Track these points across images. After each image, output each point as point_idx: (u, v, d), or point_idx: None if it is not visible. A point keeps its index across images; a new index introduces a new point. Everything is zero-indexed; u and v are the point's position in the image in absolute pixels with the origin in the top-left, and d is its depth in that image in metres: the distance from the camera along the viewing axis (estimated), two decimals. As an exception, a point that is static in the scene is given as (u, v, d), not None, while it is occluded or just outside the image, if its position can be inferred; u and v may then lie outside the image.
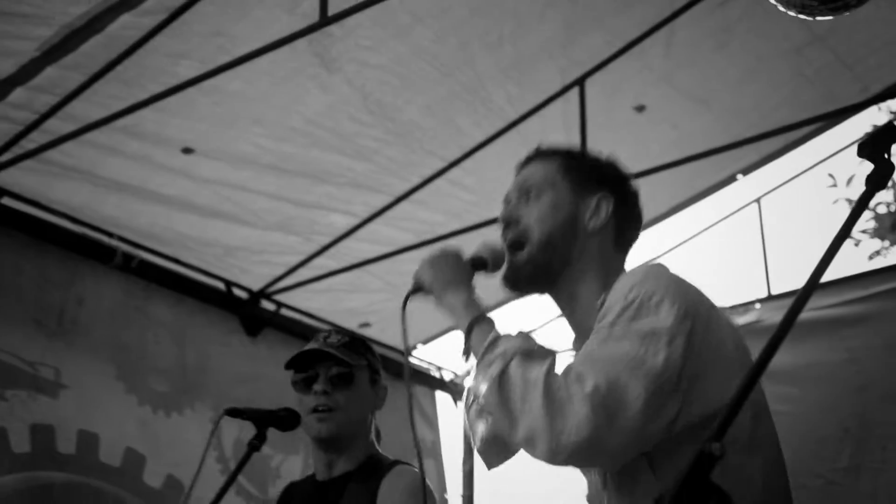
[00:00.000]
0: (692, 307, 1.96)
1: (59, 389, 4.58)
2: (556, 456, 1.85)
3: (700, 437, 1.83)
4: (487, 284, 2.31)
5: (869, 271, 5.24)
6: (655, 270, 2.08)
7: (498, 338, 2.02)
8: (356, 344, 3.14)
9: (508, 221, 2.30)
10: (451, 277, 2.24)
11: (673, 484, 1.19)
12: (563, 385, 1.84)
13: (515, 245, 2.27)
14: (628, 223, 2.33)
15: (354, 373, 3.05)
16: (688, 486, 1.18)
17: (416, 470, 2.99)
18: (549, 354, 1.97)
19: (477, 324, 2.10)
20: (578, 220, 2.26)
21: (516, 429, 1.88)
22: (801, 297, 1.43)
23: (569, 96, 4.82)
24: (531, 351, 1.96)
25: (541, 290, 2.31)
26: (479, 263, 2.32)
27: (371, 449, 3.09)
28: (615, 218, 2.28)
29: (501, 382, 1.91)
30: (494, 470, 2.51)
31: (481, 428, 2.39)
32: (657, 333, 1.89)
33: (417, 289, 2.30)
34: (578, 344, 2.22)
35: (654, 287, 1.97)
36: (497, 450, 2.38)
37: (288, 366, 3.12)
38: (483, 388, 1.96)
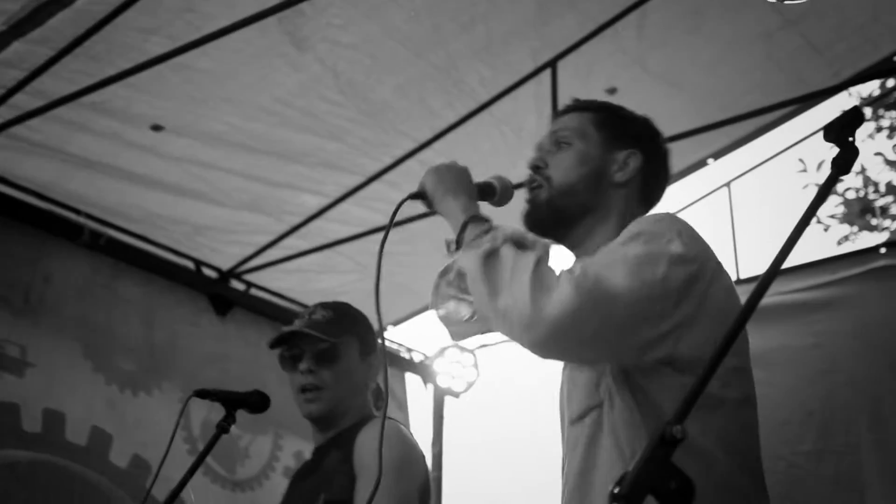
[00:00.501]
0: (702, 254, 2.01)
1: (24, 368, 4.55)
2: (531, 329, 1.83)
3: (680, 381, 1.85)
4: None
5: (837, 256, 5.26)
6: (670, 215, 2.12)
7: (492, 227, 2.03)
8: (342, 319, 3.11)
9: (537, 166, 2.33)
10: (455, 186, 2.23)
11: (633, 466, 1.19)
12: (554, 270, 1.86)
13: (537, 188, 2.30)
14: (655, 181, 2.38)
15: (339, 349, 3.03)
16: (648, 468, 1.19)
17: (394, 422, 2.98)
18: (544, 245, 1.98)
19: (472, 221, 2.10)
20: (604, 173, 2.30)
21: (497, 297, 1.87)
22: (765, 278, 1.43)
23: (541, 78, 4.81)
24: (525, 239, 1.97)
25: (558, 235, 2.31)
26: (487, 189, 2.31)
27: (365, 412, 3.06)
28: (642, 174, 2.33)
29: (489, 258, 1.91)
30: (463, 455, 2.51)
31: (454, 302, 2.36)
32: (662, 255, 1.93)
33: (419, 194, 2.28)
34: None
35: (667, 227, 2.02)
36: (466, 325, 2.35)
37: (273, 345, 3.11)
38: (468, 263, 1.95)
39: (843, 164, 1.51)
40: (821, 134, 1.56)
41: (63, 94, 4.04)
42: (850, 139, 1.52)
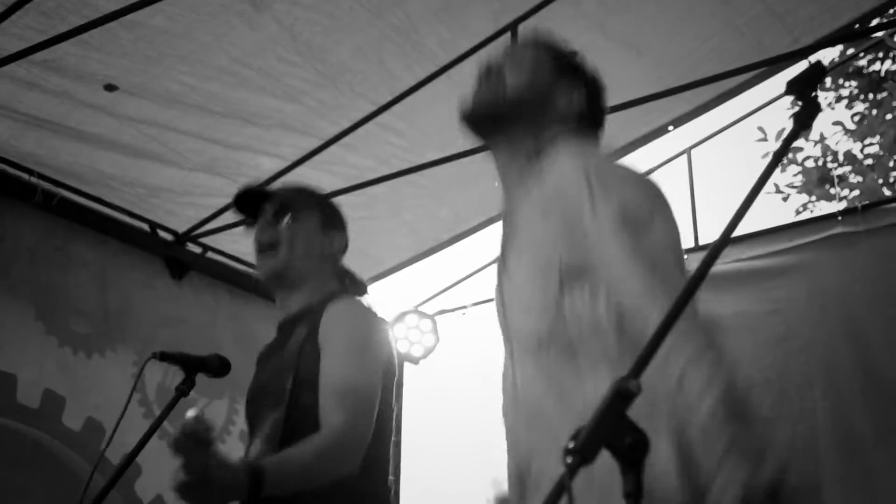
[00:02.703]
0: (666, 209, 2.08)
1: (-26, 330, 4.49)
2: None
3: None
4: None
5: (794, 223, 5.31)
6: (644, 178, 2.15)
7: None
8: (304, 191, 3.18)
9: (490, 69, 2.41)
10: None
11: (589, 420, 1.17)
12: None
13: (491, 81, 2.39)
14: (599, 114, 2.42)
15: (298, 209, 3.04)
16: (603, 423, 1.17)
17: (361, 300, 2.96)
18: None
19: None
20: (551, 94, 2.35)
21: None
22: (723, 236, 1.42)
23: (502, 41, 4.77)
24: None
25: (500, 130, 2.38)
26: None
27: (332, 287, 3.02)
28: (581, 111, 2.35)
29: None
30: (418, 419, 2.56)
31: None
32: (665, 249, 1.97)
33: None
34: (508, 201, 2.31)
35: (646, 193, 2.07)
36: None
37: (240, 209, 3.18)
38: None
39: (804, 119, 1.49)
40: (780, 103, 1.55)
41: (13, 50, 3.95)
42: (813, 94, 1.51)
